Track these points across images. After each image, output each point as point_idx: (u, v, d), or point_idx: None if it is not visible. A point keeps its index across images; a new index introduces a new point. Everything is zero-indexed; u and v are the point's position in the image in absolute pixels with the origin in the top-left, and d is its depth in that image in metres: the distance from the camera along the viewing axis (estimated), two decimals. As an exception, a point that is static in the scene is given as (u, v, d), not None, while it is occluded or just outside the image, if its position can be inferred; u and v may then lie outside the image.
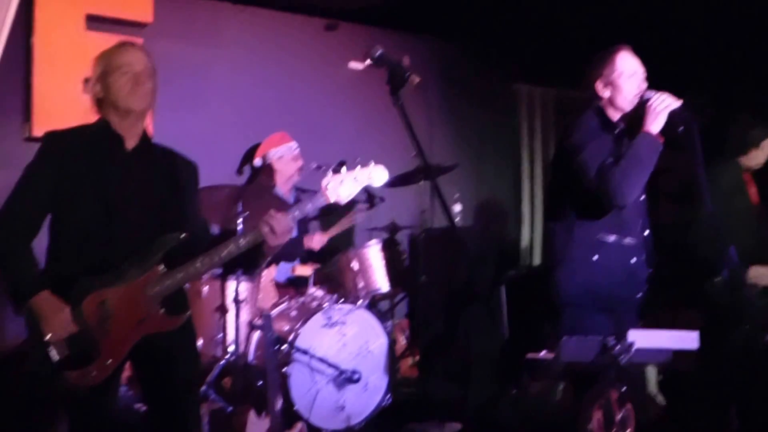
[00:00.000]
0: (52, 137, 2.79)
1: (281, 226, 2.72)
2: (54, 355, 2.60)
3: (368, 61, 2.80)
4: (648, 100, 3.16)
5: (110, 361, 2.63)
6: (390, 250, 5.00)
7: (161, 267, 2.70)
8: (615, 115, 3.29)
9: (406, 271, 5.19)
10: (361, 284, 4.80)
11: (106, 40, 4.23)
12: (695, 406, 4.46)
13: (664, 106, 3.10)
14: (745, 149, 4.40)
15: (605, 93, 3.26)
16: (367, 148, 6.16)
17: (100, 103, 2.82)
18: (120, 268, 2.68)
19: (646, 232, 3.34)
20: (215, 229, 4.12)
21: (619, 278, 3.19)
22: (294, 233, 5.25)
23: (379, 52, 2.72)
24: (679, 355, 2.94)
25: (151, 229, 2.75)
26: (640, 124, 3.20)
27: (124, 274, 2.68)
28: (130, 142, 2.83)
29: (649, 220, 3.39)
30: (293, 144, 5.41)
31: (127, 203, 2.75)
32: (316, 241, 5.27)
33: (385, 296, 5.06)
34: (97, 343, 2.62)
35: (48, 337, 2.59)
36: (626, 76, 3.22)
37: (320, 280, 5.06)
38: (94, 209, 2.71)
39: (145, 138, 2.89)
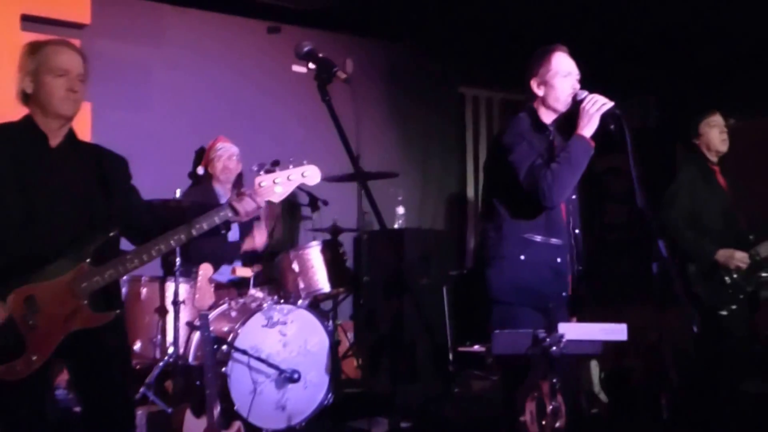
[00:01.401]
0: None
1: (247, 207, 2.82)
2: None
3: (302, 62, 2.81)
4: (581, 101, 3.22)
5: (36, 357, 2.62)
6: (332, 251, 5.00)
7: (89, 262, 2.69)
8: (547, 116, 3.33)
9: (349, 272, 5.20)
10: (301, 285, 4.80)
11: (43, 41, 4.19)
12: (631, 399, 4.57)
13: (596, 108, 3.15)
14: (695, 132, 4.57)
15: (539, 91, 3.30)
16: (311, 149, 6.11)
17: (27, 97, 2.79)
18: (47, 264, 2.66)
19: (577, 231, 3.39)
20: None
21: (545, 276, 3.24)
22: (236, 237, 5.27)
23: (306, 48, 2.72)
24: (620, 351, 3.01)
25: (78, 225, 2.74)
26: (573, 124, 3.26)
27: (52, 270, 2.66)
28: (55, 140, 2.81)
29: (580, 219, 3.44)
30: (220, 145, 5.48)
31: (51, 201, 2.74)
32: (258, 242, 5.28)
33: (327, 296, 5.07)
34: (22, 339, 2.61)
35: None
36: (560, 76, 3.26)
37: (261, 281, 5.06)
38: (19, 207, 2.69)
39: (70, 135, 2.87)
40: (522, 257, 3.21)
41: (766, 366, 5.58)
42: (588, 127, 3.16)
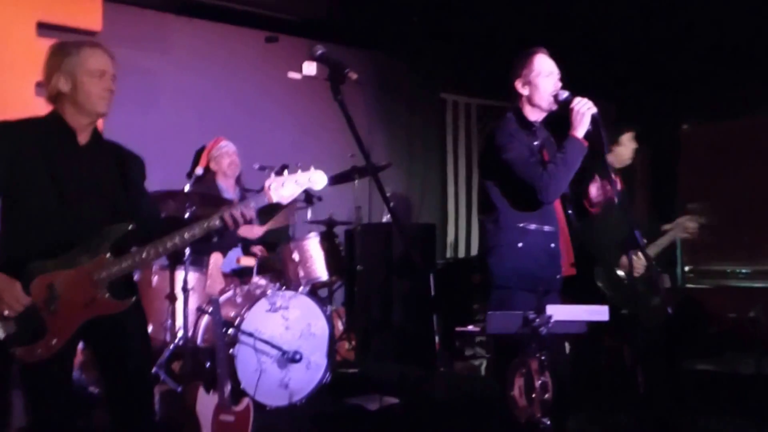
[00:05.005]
0: (2, 127, 2.69)
1: (239, 218, 2.76)
2: (1, 332, 2.53)
3: (308, 63, 2.79)
4: (568, 101, 3.21)
5: (55, 340, 2.58)
6: (328, 242, 4.98)
7: (108, 254, 2.65)
8: (532, 114, 3.33)
9: (343, 261, 5.18)
10: (301, 273, 4.78)
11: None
12: (607, 373, 4.58)
13: (587, 108, 3.16)
14: (616, 139, 4.53)
15: (524, 91, 3.30)
16: (306, 149, 6.16)
17: (59, 95, 2.71)
18: (69, 253, 2.62)
19: (570, 211, 3.39)
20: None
21: (541, 261, 3.23)
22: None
23: (320, 51, 2.71)
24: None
25: (101, 218, 2.70)
26: (560, 123, 3.26)
27: (73, 259, 2.62)
28: (83, 137, 2.76)
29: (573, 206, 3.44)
30: (223, 143, 5.45)
31: (78, 194, 2.69)
32: (255, 231, 5.24)
33: (324, 284, 5.06)
34: (43, 323, 2.56)
35: (6, 313, 2.52)
36: (543, 76, 3.27)
37: (263, 269, 5.03)
38: (48, 198, 2.64)
39: (96, 133, 2.82)
40: (520, 245, 3.20)
41: (718, 347, 5.67)
42: (580, 127, 3.16)
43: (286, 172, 2.86)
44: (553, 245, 3.25)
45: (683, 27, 6.22)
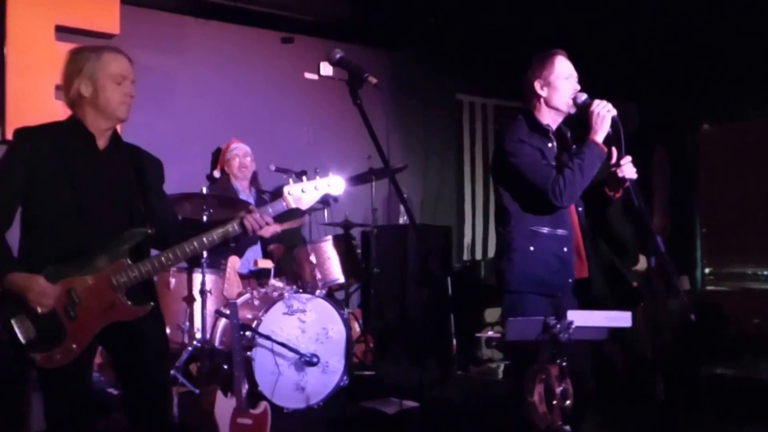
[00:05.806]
0: (22, 133, 2.69)
1: (257, 224, 2.76)
2: (21, 337, 2.54)
3: (325, 67, 2.79)
4: (587, 104, 3.18)
5: (75, 346, 2.58)
6: (345, 244, 4.99)
7: (127, 259, 2.64)
8: (548, 116, 3.28)
9: (360, 264, 5.18)
10: (318, 276, 4.80)
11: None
12: (625, 379, 4.55)
13: (606, 111, 3.13)
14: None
15: (543, 92, 3.27)
16: (322, 150, 6.16)
17: (80, 99, 2.70)
18: (88, 258, 2.62)
19: (581, 208, 3.34)
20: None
21: (553, 266, 3.19)
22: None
23: (338, 56, 2.70)
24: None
25: (120, 223, 2.69)
26: (577, 125, 3.23)
27: (92, 264, 2.62)
28: (102, 141, 2.75)
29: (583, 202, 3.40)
30: (234, 145, 5.48)
31: (97, 199, 2.69)
32: (270, 230, 5.25)
33: (340, 286, 5.07)
34: (63, 328, 2.57)
35: (39, 309, 2.54)
36: (562, 78, 3.24)
37: (280, 271, 5.04)
38: (66, 203, 2.64)
39: (115, 137, 2.81)
40: (531, 248, 3.17)
41: (740, 350, 5.62)
42: (601, 131, 3.12)
43: (304, 178, 2.87)
44: (566, 249, 3.21)
45: (702, 27, 6.17)
